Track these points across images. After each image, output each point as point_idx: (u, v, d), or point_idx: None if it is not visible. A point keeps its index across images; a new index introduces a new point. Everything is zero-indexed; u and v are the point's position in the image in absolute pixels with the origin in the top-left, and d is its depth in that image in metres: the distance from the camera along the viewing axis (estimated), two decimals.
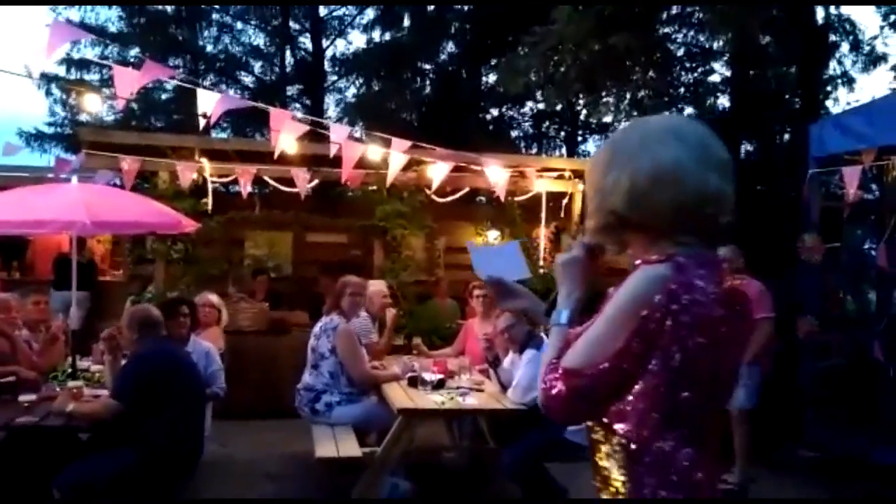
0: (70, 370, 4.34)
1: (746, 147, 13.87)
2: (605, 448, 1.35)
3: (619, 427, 1.31)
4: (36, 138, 15.76)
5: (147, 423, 3.40)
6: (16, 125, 19.15)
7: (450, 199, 7.51)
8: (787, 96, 12.94)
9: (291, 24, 16.54)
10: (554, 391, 1.28)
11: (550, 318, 1.44)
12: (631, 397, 1.29)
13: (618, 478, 1.33)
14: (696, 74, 13.10)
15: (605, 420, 1.34)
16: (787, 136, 13.04)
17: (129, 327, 3.63)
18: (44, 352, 4.48)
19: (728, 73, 12.99)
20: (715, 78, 13.27)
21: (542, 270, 7.44)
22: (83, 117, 15.61)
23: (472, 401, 4.12)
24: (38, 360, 4.33)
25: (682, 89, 13.19)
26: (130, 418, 3.39)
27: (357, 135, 6.45)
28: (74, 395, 3.64)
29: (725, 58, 12.45)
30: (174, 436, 3.51)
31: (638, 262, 1.37)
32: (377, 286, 5.45)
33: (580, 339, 1.32)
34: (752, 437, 4.72)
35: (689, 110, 13.87)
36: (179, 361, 3.74)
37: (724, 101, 13.74)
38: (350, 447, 3.96)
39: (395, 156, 5.40)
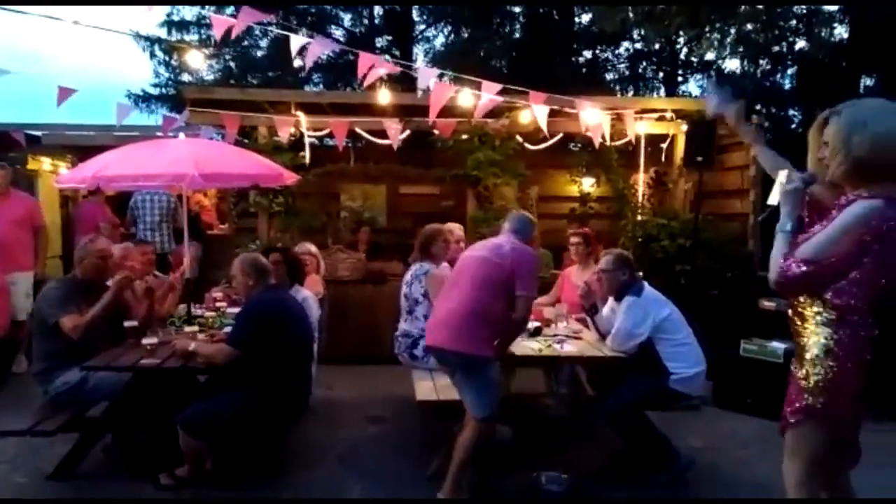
0: (186, 317, 4.61)
1: (866, 81, 12.79)
2: (812, 312, 2.22)
3: (836, 301, 2.15)
4: (143, 99, 16.55)
5: (262, 367, 3.55)
6: (124, 88, 20.19)
7: (543, 146, 7.33)
8: None
9: None
10: (790, 273, 2.10)
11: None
12: (845, 282, 2.12)
13: (820, 331, 2.19)
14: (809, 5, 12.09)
15: (825, 295, 2.16)
16: None
17: (243, 273, 3.74)
18: (163, 299, 4.76)
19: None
20: (831, 7, 12.22)
21: (639, 217, 7.19)
22: (185, 78, 16.28)
23: (569, 348, 4.07)
24: (159, 306, 4.59)
25: (793, 21, 12.24)
26: (247, 362, 3.54)
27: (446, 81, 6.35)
28: (192, 337, 3.87)
29: None
30: (287, 380, 3.67)
31: (851, 196, 2.13)
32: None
33: (810, 241, 2.11)
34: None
35: (800, 44, 12.88)
36: (291, 309, 3.86)
37: (841, 32, 12.68)
38: (449, 391, 4.00)
39: (483, 97, 5.30)
